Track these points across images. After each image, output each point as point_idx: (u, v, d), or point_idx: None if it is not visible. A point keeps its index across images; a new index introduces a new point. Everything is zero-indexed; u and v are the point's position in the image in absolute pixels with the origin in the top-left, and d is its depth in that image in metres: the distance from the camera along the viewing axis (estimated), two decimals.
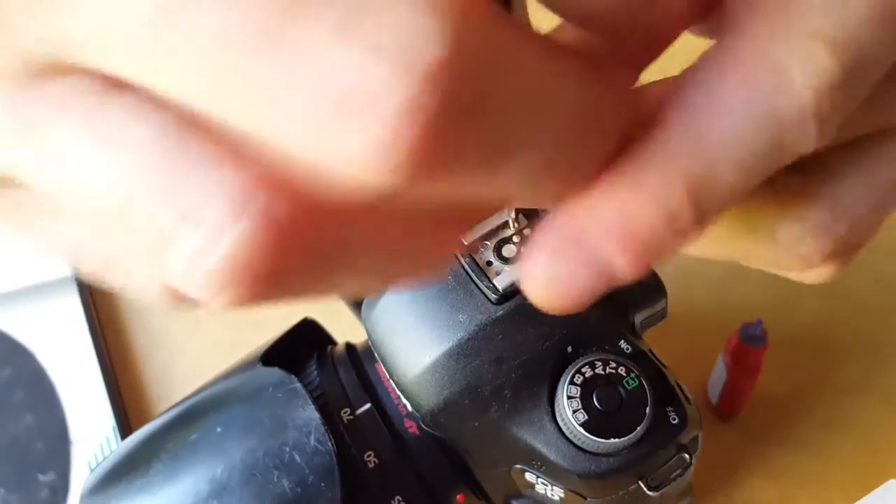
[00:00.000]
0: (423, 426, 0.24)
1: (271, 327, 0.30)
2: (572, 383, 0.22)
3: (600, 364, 0.22)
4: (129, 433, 0.40)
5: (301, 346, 0.29)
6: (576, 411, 0.22)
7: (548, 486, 0.24)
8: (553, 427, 0.22)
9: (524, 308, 0.22)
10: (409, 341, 0.23)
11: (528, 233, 0.23)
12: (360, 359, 0.28)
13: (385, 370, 0.24)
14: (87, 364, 0.45)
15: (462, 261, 0.23)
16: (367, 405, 0.26)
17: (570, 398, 0.22)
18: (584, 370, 0.22)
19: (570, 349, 0.22)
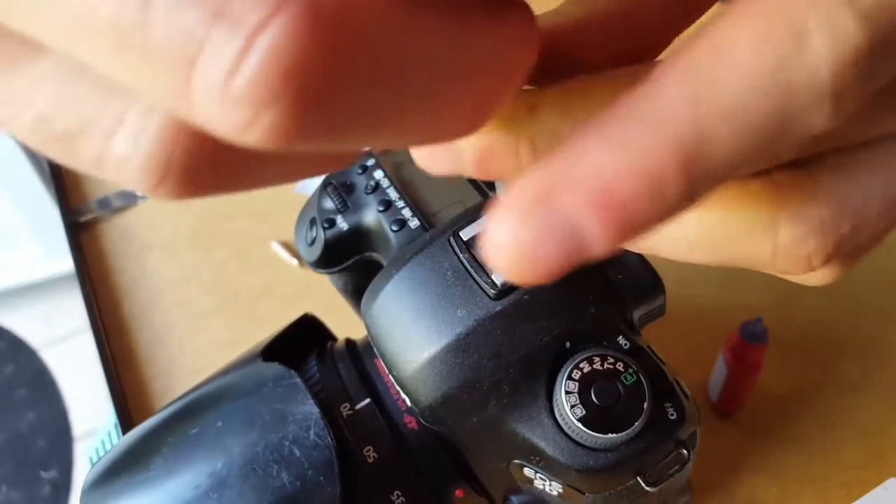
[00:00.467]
0: (422, 421, 0.24)
1: (271, 324, 0.30)
2: (570, 378, 0.22)
3: (598, 359, 0.22)
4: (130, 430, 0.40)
5: (301, 342, 0.29)
6: (574, 406, 0.22)
7: (546, 481, 0.24)
8: (551, 422, 0.22)
9: (523, 303, 0.22)
10: (408, 336, 0.23)
11: None
12: (359, 354, 0.28)
13: (384, 365, 0.24)
14: (89, 361, 0.45)
15: (460, 256, 0.23)
16: (367, 400, 0.26)
17: (568, 393, 0.22)
18: (582, 365, 0.22)
19: (568, 344, 0.23)
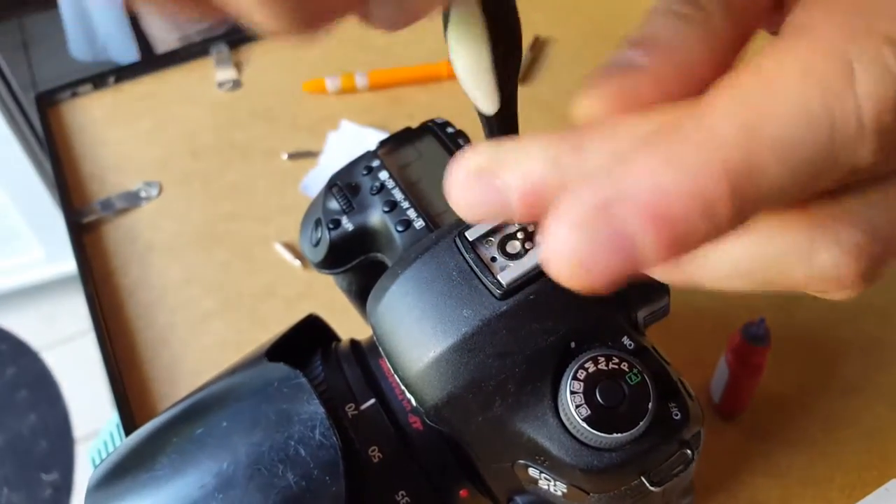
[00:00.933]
0: (427, 421, 0.24)
1: (274, 326, 0.30)
2: (575, 378, 0.22)
3: (603, 359, 0.22)
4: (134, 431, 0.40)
5: (306, 342, 0.29)
6: (579, 406, 0.22)
7: (551, 481, 0.24)
8: (556, 422, 0.22)
9: (528, 304, 0.22)
10: (413, 336, 0.23)
11: (532, 229, 0.23)
12: (364, 354, 0.28)
13: (389, 365, 0.24)
14: (90, 363, 0.45)
15: (466, 256, 0.23)
16: (372, 400, 0.26)
17: (573, 393, 0.22)
18: (587, 365, 0.22)
19: (573, 344, 0.23)
